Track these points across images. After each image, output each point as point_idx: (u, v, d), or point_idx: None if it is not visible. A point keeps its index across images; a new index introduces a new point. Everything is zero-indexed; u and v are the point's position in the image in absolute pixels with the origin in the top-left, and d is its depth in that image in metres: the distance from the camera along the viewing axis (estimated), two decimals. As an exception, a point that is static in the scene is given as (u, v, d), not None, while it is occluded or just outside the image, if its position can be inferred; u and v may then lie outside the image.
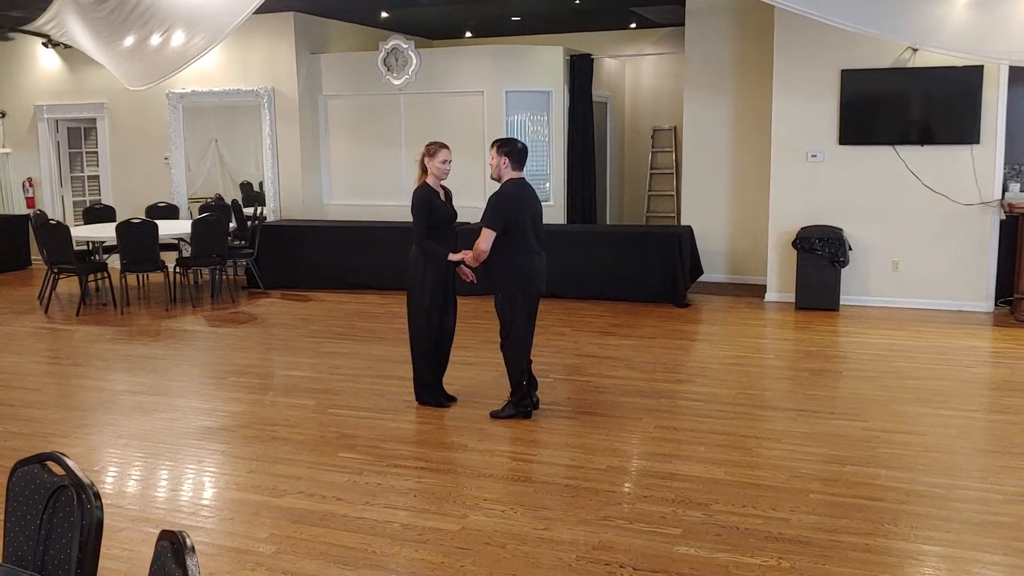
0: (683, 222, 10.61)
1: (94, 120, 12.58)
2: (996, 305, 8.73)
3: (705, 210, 10.45)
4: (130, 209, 11.24)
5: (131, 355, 7.65)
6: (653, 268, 9.39)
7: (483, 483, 4.61)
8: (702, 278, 9.95)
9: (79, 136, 13.23)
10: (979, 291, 8.74)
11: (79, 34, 8.43)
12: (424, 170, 5.84)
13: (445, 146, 5.86)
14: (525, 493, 4.46)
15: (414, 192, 5.84)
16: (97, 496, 2.17)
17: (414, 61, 10.98)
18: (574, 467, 4.83)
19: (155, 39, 7.87)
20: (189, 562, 1.74)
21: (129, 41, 7.98)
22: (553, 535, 3.97)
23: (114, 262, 9.99)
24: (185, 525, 4.16)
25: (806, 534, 3.93)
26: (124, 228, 9.27)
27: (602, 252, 9.60)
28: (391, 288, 10.17)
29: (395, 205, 11.23)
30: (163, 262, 9.60)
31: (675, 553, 3.78)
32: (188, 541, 1.78)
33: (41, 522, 2.26)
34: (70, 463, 2.24)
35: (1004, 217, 8.54)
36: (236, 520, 4.22)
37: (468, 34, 13.07)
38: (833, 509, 4.21)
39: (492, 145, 5.76)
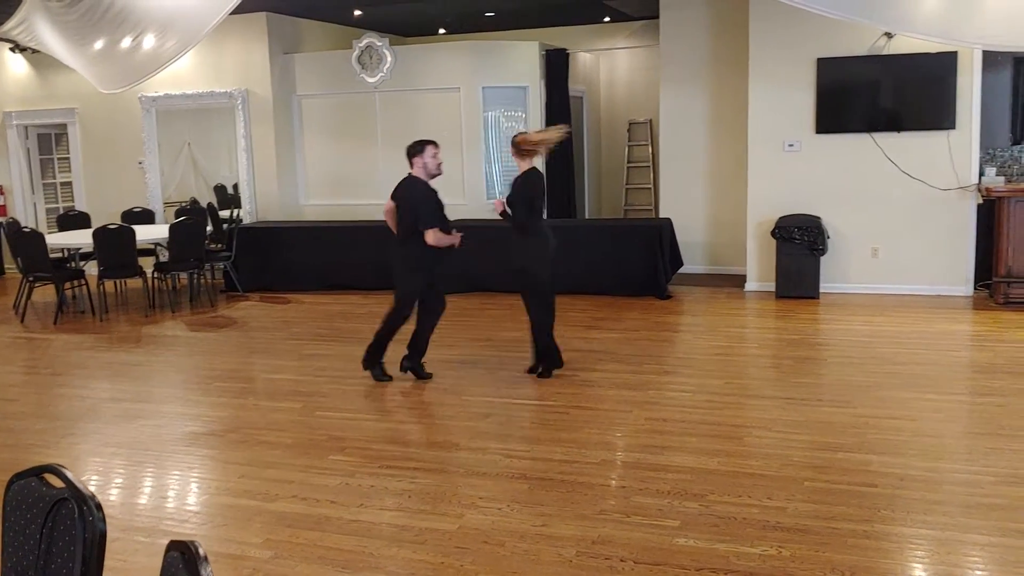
0: (661, 214, 10.63)
1: (65, 126, 12.41)
2: (975, 289, 8.81)
3: (683, 202, 10.46)
4: (105, 215, 11.11)
5: (112, 362, 7.55)
6: (634, 261, 9.40)
7: (477, 481, 4.59)
8: (682, 270, 9.98)
9: (50, 142, 13.05)
10: (958, 275, 8.81)
11: (49, 38, 8.30)
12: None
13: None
14: (520, 490, 4.44)
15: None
16: (99, 508, 2.12)
17: (389, 59, 10.92)
18: (568, 462, 4.81)
19: (126, 42, 7.76)
20: (203, 572, 1.71)
21: (99, 44, 7.87)
22: (552, 531, 3.95)
23: (90, 269, 9.87)
24: (179, 533, 4.11)
25: (804, 522, 3.94)
26: (101, 234, 9.15)
27: (583, 246, 9.58)
28: (372, 288, 10.10)
29: (372, 204, 11.16)
30: (141, 267, 9.49)
31: (675, 545, 3.77)
32: (201, 551, 1.74)
33: (41, 536, 2.20)
34: (69, 475, 2.19)
35: (981, 201, 8.62)
36: (230, 526, 4.17)
37: (442, 31, 13.02)
38: (828, 496, 4.22)
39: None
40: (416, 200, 6.19)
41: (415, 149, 6.26)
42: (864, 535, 3.80)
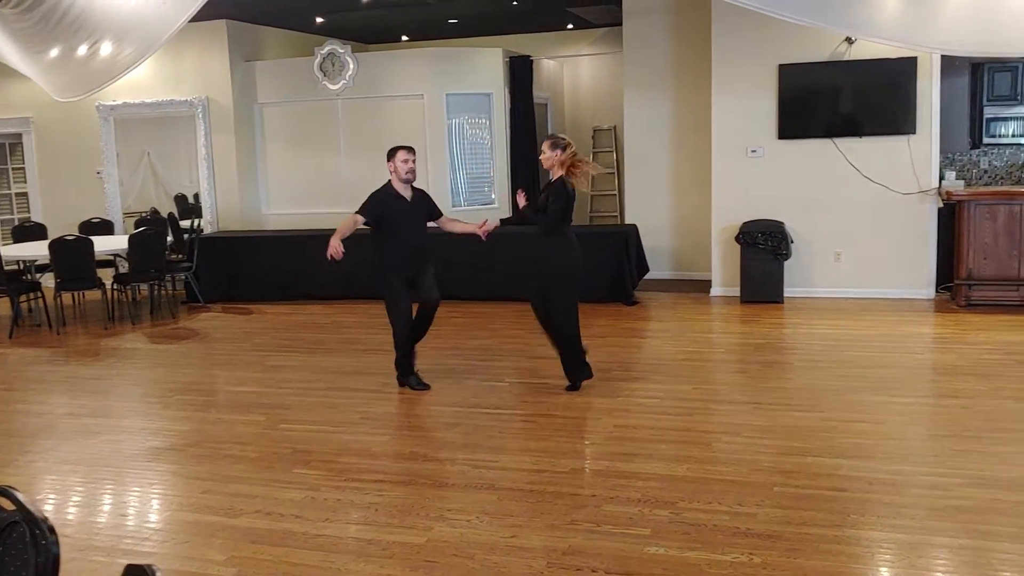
0: (626, 221, 10.63)
1: (20, 135, 12.18)
2: (937, 291, 8.89)
3: (647, 208, 10.47)
4: (62, 226, 10.90)
5: (71, 377, 7.39)
6: (601, 267, 9.36)
7: (445, 493, 4.52)
8: (648, 275, 9.98)
9: (3, 152, 12.79)
10: (920, 278, 8.90)
11: (2, 45, 8.14)
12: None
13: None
14: (489, 501, 4.38)
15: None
16: (52, 531, 2.04)
17: (351, 66, 10.84)
18: (537, 471, 4.76)
19: (82, 49, 7.63)
20: (161, 597, 1.64)
21: (55, 52, 7.73)
22: (522, 542, 3.90)
23: (47, 281, 9.67)
24: (139, 552, 4.01)
25: (774, 528, 3.92)
26: (58, 245, 8.95)
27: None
28: (335, 298, 10.01)
29: (336, 212, 11.05)
30: (100, 279, 9.31)
31: (646, 554, 3.73)
32: (158, 574, 1.67)
33: (-8, 561, 2.12)
34: (20, 497, 2.10)
35: (942, 205, 8.71)
36: (192, 543, 4.07)
37: (404, 38, 12.96)
38: (798, 501, 4.21)
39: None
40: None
41: (388, 155, 6.35)
42: (835, 540, 3.79)
